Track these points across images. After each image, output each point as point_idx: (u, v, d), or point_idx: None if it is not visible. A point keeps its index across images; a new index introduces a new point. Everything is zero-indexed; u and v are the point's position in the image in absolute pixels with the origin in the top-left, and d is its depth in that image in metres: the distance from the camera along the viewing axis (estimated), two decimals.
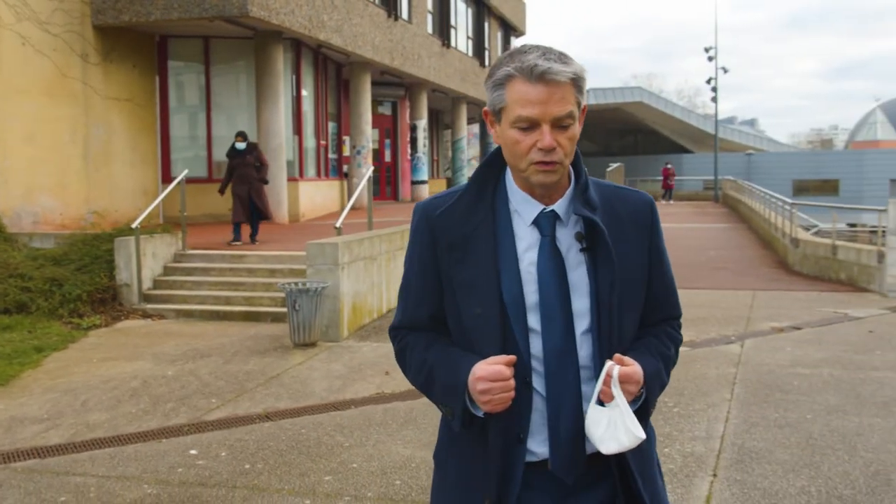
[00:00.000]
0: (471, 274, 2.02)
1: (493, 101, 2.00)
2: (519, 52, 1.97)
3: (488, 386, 1.90)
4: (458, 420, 2.01)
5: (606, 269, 2.03)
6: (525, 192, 2.05)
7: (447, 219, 2.06)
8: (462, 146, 31.45)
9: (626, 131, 62.50)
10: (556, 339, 2.01)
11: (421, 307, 2.13)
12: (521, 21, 37.20)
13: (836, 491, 4.82)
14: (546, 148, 1.93)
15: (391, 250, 11.27)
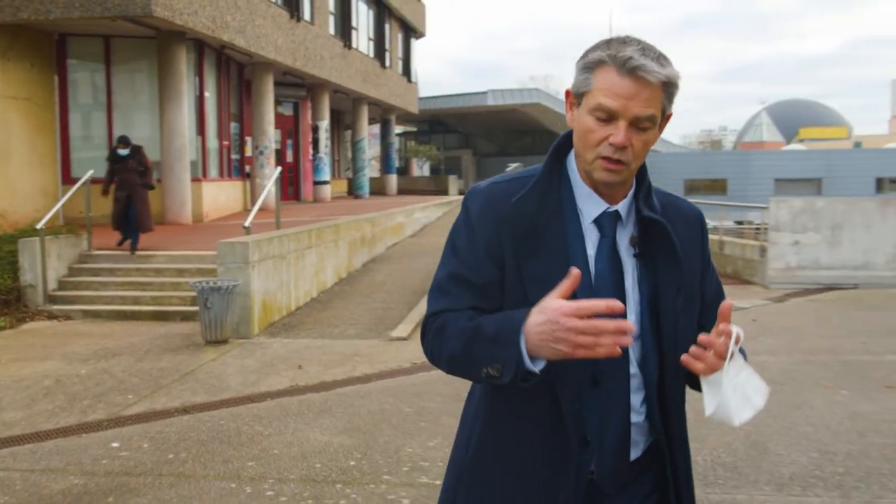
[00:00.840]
0: (543, 267, 1.89)
1: (578, 83, 1.91)
2: (618, 41, 1.88)
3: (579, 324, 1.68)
4: (510, 370, 1.77)
5: (674, 272, 1.98)
6: (589, 188, 1.97)
7: (523, 208, 1.92)
8: (363, 146, 31.65)
9: (525, 132, 63.50)
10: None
11: (470, 298, 1.95)
12: (421, 23, 37.58)
13: (720, 459, 5.32)
14: (617, 144, 1.85)
15: (300, 249, 11.48)
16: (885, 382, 7.26)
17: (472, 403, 2.10)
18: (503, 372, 1.79)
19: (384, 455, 5.59)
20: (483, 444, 2.01)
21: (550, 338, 1.71)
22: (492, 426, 2.00)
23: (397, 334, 9.76)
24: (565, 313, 1.69)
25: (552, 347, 1.72)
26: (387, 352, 8.98)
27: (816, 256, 13.13)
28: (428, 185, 42.01)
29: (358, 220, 15.06)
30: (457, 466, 2.08)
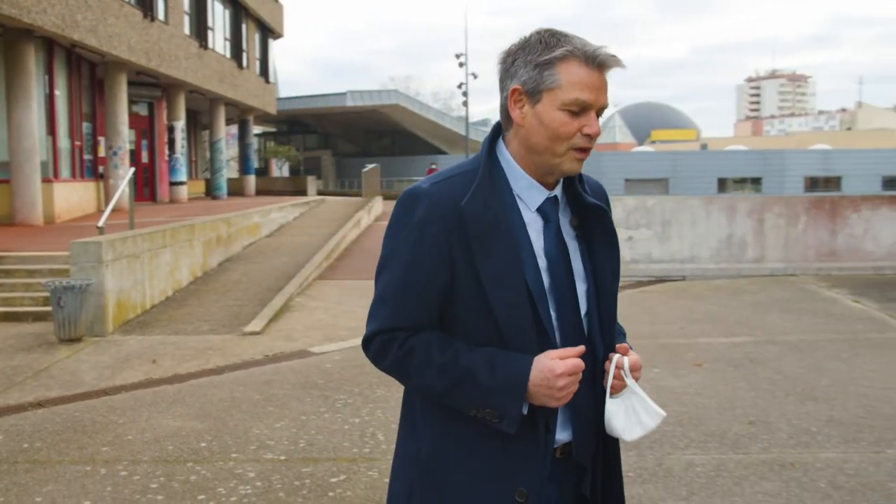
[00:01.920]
0: (498, 265, 1.90)
1: (539, 79, 1.91)
2: (563, 35, 1.93)
3: (568, 381, 1.85)
4: (513, 421, 1.88)
5: (611, 257, 2.08)
6: (531, 178, 2.00)
7: (474, 207, 1.92)
8: (220, 147, 31.56)
9: (385, 133, 64.09)
10: (570, 324, 1.99)
11: (427, 306, 1.95)
12: (278, 23, 37.63)
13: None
14: (594, 134, 1.92)
15: (154, 248, 11.66)
16: (693, 361, 8.07)
17: (415, 405, 2.08)
18: (502, 421, 1.88)
19: (233, 436, 5.99)
20: (440, 444, 2.00)
21: (546, 394, 1.85)
22: (448, 427, 1.99)
23: (251, 329, 10.09)
24: (559, 374, 1.83)
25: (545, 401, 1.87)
26: (240, 346, 9.31)
27: (649, 251, 14.09)
28: (286, 185, 42.09)
29: (213, 220, 15.24)
30: (408, 465, 2.06)
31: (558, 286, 1.97)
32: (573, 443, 2.00)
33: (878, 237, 13.99)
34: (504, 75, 1.98)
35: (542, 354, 1.87)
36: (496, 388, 1.86)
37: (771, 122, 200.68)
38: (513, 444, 1.93)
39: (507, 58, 1.97)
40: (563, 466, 2.02)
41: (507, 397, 1.86)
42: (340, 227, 20.43)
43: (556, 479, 2.01)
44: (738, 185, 59.19)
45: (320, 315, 11.11)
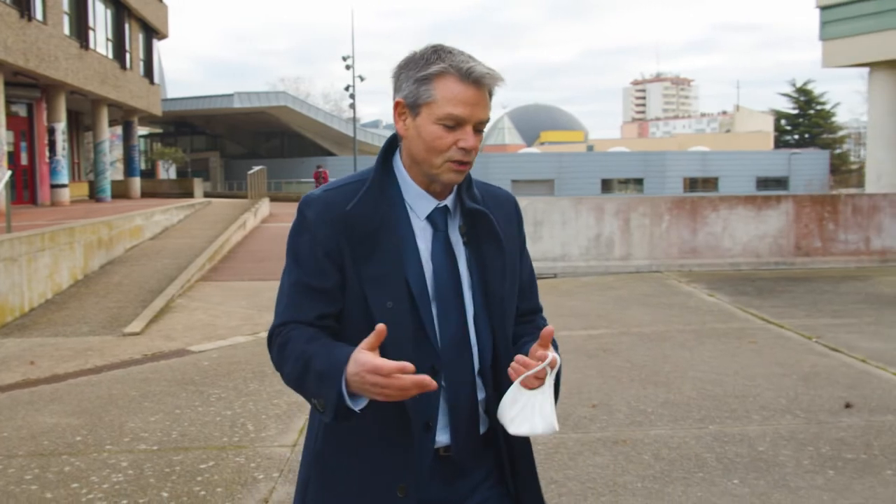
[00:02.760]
0: (380, 268, 2.01)
1: (417, 94, 2.02)
2: (445, 52, 2.02)
3: (376, 380, 1.82)
4: (330, 411, 1.91)
5: (498, 259, 2.15)
6: (420, 188, 2.10)
7: (359, 211, 2.04)
8: (104, 149, 31.10)
9: (273, 134, 63.81)
10: (453, 328, 2.07)
11: (319, 303, 2.06)
12: (163, 24, 37.21)
13: None
14: (469, 148, 2.01)
15: (32, 251, 11.69)
16: None
17: None
18: (325, 410, 1.93)
19: (108, 430, 6.25)
20: (328, 437, 2.11)
21: (361, 387, 1.85)
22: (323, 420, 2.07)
23: (130, 330, 10.27)
24: (368, 370, 1.81)
25: (369, 395, 1.87)
26: (120, 346, 9.49)
27: None
28: (173, 187, 41.66)
29: (94, 223, 15.24)
30: (309, 453, 2.18)
31: (443, 291, 2.07)
32: (451, 444, 2.08)
33: (735, 235, 14.93)
34: (393, 88, 2.10)
35: (362, 343, 1.88)
36: (321, 375, 1.92)
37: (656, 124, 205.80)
38: (394, 442, 2.02)
39: (396, 71, 2.09)
40: (448, 467, 2.10)
41: (325, 385, 1.90)
42: (225, 229, 20.53)
43: (443, 478, 2.10)
44: (623, 185, 60.97)
45: (200, 315, 11.33)
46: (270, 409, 6.74)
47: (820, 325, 9.74)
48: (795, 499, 4.71)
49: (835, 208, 15.11)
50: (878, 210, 15.18)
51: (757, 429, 5.96)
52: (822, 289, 12.62)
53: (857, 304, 11.19)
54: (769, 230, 14.97)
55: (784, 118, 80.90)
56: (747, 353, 8.36)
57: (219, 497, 4.90)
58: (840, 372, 7.54)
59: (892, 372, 7.50)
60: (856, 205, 15.20)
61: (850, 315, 10.39)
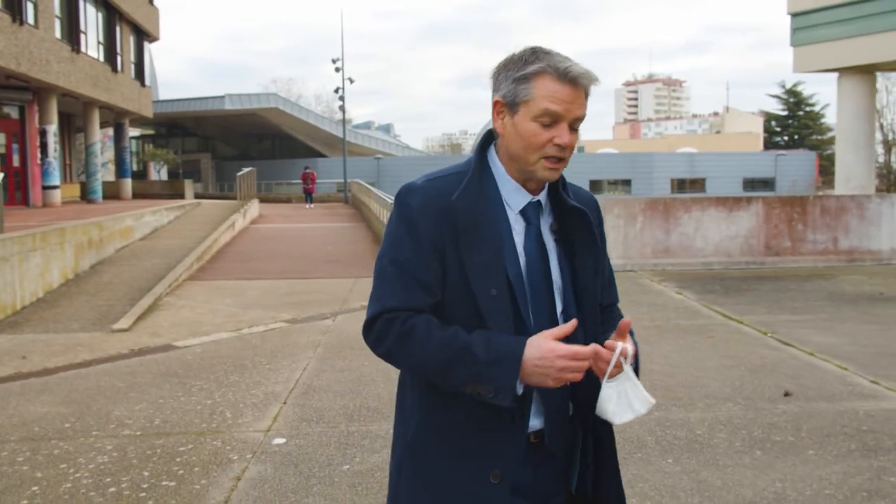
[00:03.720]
0: (483, 257, 2.07)
1: (515, 92, 2.09)
2: (542, 52, 2.09)
3: (568, 364, 1.97)
4: (508, 395, 2.00)
5: (591, 256, 2.23)
6: (516, 182, 2.17)
7: (463, 202, 2.10)
8: (95, 151, 31.47)
9: (264, 136, 64.17)
10: (544, 318, 2.13)
11: (425, 290, 2.12)
12: (154, 27, 37.58)
13: (369, 403, 6.83)
14: (564, 145, 2.07)
15: (24, 251, 12.10)
16: None
17: (406, 388, 2.27)
18: (497, 395, 2.01)
19: (96, 418, 6.68)
20: (424, 426, 2.17)
21: (543, 373, 1.98)
22: (433, 410, 2.17)
23: (119, 326, 10.68)
24: (561, 355, 1.96)
25: (541, 380, 1.99)
26: (108, 341, 9.91)
27: None
28: (164, 189, 42.04)
29: (85, 223, 15.65)
30: (399, 444, 2.26)
31: (534, 283, 2.14)
32: (545, 430, 2.15)
33: (707, 235, 15.41)
34: (493, 88, 2.17)
35: (537, 335, 2.02)
36: (491, 363, 2.00)
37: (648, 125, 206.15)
38: (487, 429, 2.09)
39: (495, 73, 2.16)
40: (539, 452, 2.16)
41: (502, 370, 1.99)
42: (214, 230, 20.93)
43: (532, 464, 2.16)
44: (613, 186, 61.47)
45: (187, 313, 11.75)
46: (248, 398, 7.17)
47: (778, 321, 10.21)
48: (721, 475, 5.16)
49: (804, 209, 15.60)
50: (845, 211, 15.68)
51: (699, 415, 6.41)
52: (787, 287, 13.10)
53: (817, 302, 11.66)
54: (740, 231, 15.46)
55: (774, 119, 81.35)
56: (704, 347, 8.82)
57: (195, 475, 5.34)
58: (787, 364, 8.01)
59: (835, 364, 7.97)
60: (824, 206, 15.69)
61: (808, 312, 10.87)
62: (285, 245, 21.25)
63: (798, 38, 17.76)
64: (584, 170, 60.13)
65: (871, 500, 4.73)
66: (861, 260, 15.69)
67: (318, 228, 26.25)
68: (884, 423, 6.11)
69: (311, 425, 6.33)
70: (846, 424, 6.11)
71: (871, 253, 15.78)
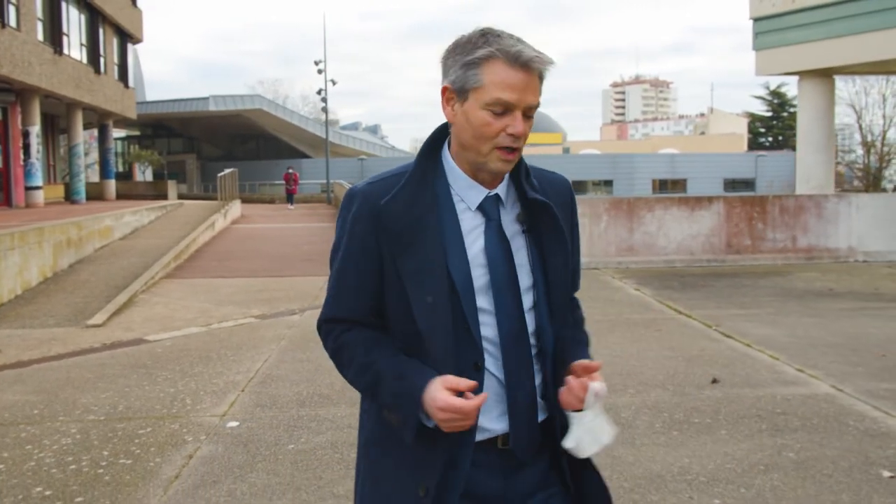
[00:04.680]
0: (419, 262, 1.98)
1: (465, 79, 1.97)
2: (492, 35, 1.97)
3: (450, 416, 1.91)
4: (410, 431, 1.99)
5: (559, 249, 2.13)
6: (469, 177, 2.07)
7: (394, 206, 2.01)
8: (78, 152, 31.80)
9: (249, 137, 64.45)
10: (512, 320, 2.05)
11: (361, 299, 2.08)
12: (137, 29, 37.88)
13: (322, 391, 7.25)
14: (517, 134, 1.96)
15: (2, 250, 12.46)
16: None
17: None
18: (404, 429, 2.01)
19: (63, 405, 7.08)
20: (376, 431, 2.16)
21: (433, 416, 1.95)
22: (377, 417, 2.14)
23: (93, 322, 11.07)
24: (440, 407, 1.91)
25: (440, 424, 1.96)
26: (82, 336, 10.30)
27: None
28: (148, 189, 42.34)
29: (63, 223, 16.03)
30: (360, 443, 2.25)
31: (498, 282, 2.03)
32: (510, 434, 2.07)
33: (669, 234, 15.88)
34: (442, 73, 2.06)
35: (439, 379, 1.95)
36: (398, 396, 1.99)
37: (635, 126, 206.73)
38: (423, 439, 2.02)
39: (444, 56, 2.05)
40: (507, 459, 2.09)
41: (405, 408, 1.98)
42: (193, 229, 21.31)
43: (499, 471, 2.09)
44: (597, 186, 62.00)
45: (160, 309, 12.15)
46: (209, 387, 7.59)
47: (726, 314, 10.67)
48: (635, 452, 5.60)
49: (763, 209, 16.09)
50: (803, 210, 16.17)
51: (627, 399, 6.86)
52: (742, 283, 13.58)
53: (767, 297, 12.14)
54: (702, 229, 15.94)
55: (758, 121, 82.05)
56: (648, 340, 9.26)
57: (151, 454, 5.75)
58: (723, 354, 8.46)
59: (768, 354, 8.42)
60: (783, 205, 16.18)
61: (756, 306, 11.34)
62: (263, 244, 21.65)
63: (760, 42, 18.25)
64: (567, 170, 60.34)
65: (766, 473, 5.18)
66: (819, 258, 16.19)
67: (298, 228, 26.66)
68: (798, 407, 6.56)
69: (265, 410, 6.76)
70: (763, 408, 6.56)
71: (828, 251, 16.28)
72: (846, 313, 10.73)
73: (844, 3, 16.53)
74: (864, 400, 6.73)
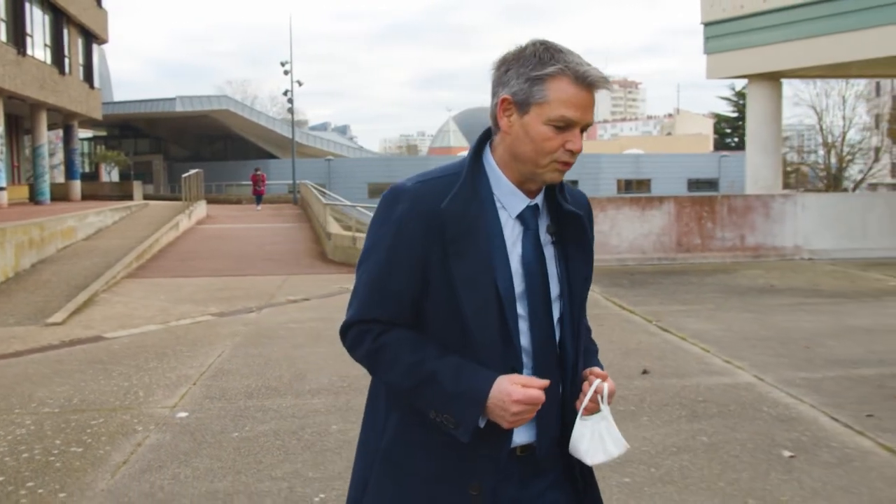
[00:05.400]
0: (471, 268, 1.97)
1: (529, 92, 1.98)
2: (556, 51, 1.99)
3: (523, 409, 1.91)
4: (466, 430, 1.96)
5: (583, 263, 2.16)
6: (513, 185, 2.07)
7: (453, 209, 1.99)
8: (42, 153, 31.82)
9: (216, 137, 64.47)
10: (543, 329, 2.06)
11: (404, 301, 2.03)
12: (102, 29, 37.89)
13: (270, 384, 7.57)
14: (576, 150, 2.00)
15: None
16: None
17: (380, 395, 2.18)
18: (458, 428, 1.96)
19: (19, 398, 7.34)
20: (400, 434, 2.09)
21: (500, 415, 1.94)
22: (411, 418, 2.07)
23: (53, 320, 11.30)
24: (516, 400, 1.91)
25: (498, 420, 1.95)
26: (41, 334, 10.53)
27: None
28: (114, 190, 42.36)
29: (25, 224, 16.21)
30: (369, 452, 2.15)
31: (533, 291, 2.04)
32: (536, 444, 2.08)
33: (622, 234, 16.30)
34: (496, 82, 2.05)
35: (507, 377, 1.94)
36: (456, 396, 1.94)
37: (604, 127, 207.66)
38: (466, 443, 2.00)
39: (500, 66, 2.04)
40: (525, 467, 2.10)
41: (466, 408, 1.94)
42: (157, 230, 21.52)
43: (517, 479, 2.09)
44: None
45: (120, 308, 12.40)
46: (162, 380, 7.87)
47: (667, 310, 11.09)
48: None
49: (712, 209, 16.56)
50: (751, 210, 16.66)
51: None
52: (689, 281, 14.02)
53: (710, 294, 12.58)
54: (653, 229, 16.38)
55: (724, 121, 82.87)
56: None
57: (101, 443, 6.04)
58: (658, 347, 8.86)
59: (700, 347, 8.84)
60: (731, 205, 16.66)
61: (697, 302, 11.77)
62: (226, 244, 21.89)
63: (710, 46, 18.73)
64: None
65: (677, 454, 5.56)
66: (766, 256, 16.67)
67: (262, 229, 26.91)
68: (719, 395, 6.96)
69: (213, 401, 7.07)
70: (686, 396, 6.95)
71: (775, 249, 16.77)
72: (783, 309, 11.17)
73: (792, 8, 17.04)
74: (781, 388, 7.15)
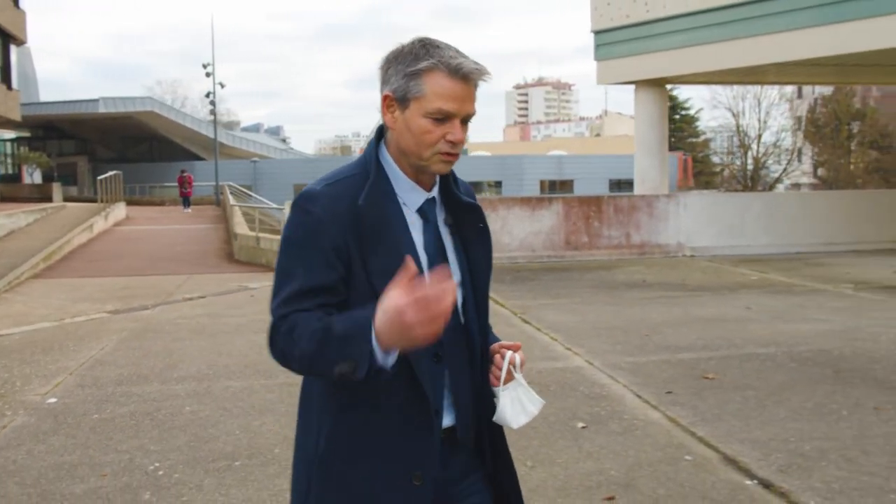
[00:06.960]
0: (387, 260, 2.01)
1: (406, 88, 2.04)
2: (432, 46, 2.05)
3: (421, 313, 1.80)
4: (364, 366, 1.88)
5: (483, 251, 2.25)
6: (411, 180, 2.14)
7: (367, 206, 2.05)
8: None
9: (142, 139, 64.14)
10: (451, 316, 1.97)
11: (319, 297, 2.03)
12: (20, 30, 37.73)
13: (142, 372, 8.16)
14: (457, 141, 2.06)
15: None
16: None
17: (312, 396, 2.18)
18: (357, 368, 1.88)
19: None
20: (335, 436, 2.10)
21: (399, 332, 1.83)
22: (342, 418, 2.09)
23: None
24: (406, 304, 1.80)
25: (406, 341, 1.85)
26: None
27: None
28: (34, 192, 42.28)
29: None
30: (307, 455, 2.16)
31: None
32: (456, 425, 2.16)
33: (513, 232, 17.11)
34: (381, 81, 2.12)
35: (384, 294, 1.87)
36: (346, 335, 1.91)
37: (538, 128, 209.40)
38: (406, 430, 2.06)
39: (384, 65, 2.11)
40: (449, 449, 2.17)
41: (358, 343, 1.88)
42: (70, 231, 21.80)
43: (444, 461, 2.15)
44: (492, 187, 63.47)
45: (19, 307, 12.83)
46: (42, 371, 8.41)
47: (536, 304, 11.87)
48: None
49: (599, 208, 17.46)
50: (636, 209, 17.60)
51: None
52: (570, 277, 14.86)
53: (583, 289, 13.42)
54: (543, 228, 17.22)
55: None
56: None
57: None
58: (514, 337, 9.25)
59: (550, 336, 9.61)
60: (617, 205, 17.59)
61: (567, 297, 12.59)
62: (137, 245, 22.27)
63: (600, 53, 19.66)
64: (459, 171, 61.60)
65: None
66: (651, 253, 17.62)
67: (177, 230, 27.27)
68: (546, 377, 7.72)
69: (84, 389, 7.65)
70: None
71: (659, 247, 17.73)
72: (643, 302, 12.03)
73: (675, 18, 17.99)
74: (605, 371, 7.95)
